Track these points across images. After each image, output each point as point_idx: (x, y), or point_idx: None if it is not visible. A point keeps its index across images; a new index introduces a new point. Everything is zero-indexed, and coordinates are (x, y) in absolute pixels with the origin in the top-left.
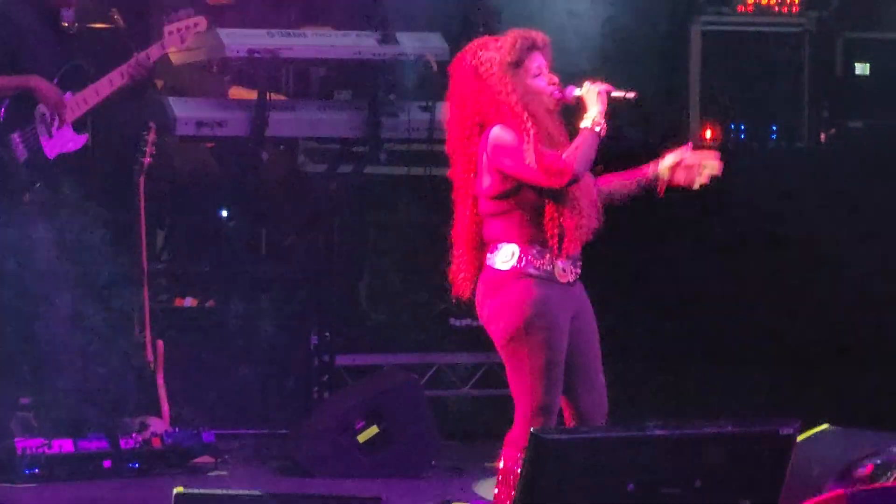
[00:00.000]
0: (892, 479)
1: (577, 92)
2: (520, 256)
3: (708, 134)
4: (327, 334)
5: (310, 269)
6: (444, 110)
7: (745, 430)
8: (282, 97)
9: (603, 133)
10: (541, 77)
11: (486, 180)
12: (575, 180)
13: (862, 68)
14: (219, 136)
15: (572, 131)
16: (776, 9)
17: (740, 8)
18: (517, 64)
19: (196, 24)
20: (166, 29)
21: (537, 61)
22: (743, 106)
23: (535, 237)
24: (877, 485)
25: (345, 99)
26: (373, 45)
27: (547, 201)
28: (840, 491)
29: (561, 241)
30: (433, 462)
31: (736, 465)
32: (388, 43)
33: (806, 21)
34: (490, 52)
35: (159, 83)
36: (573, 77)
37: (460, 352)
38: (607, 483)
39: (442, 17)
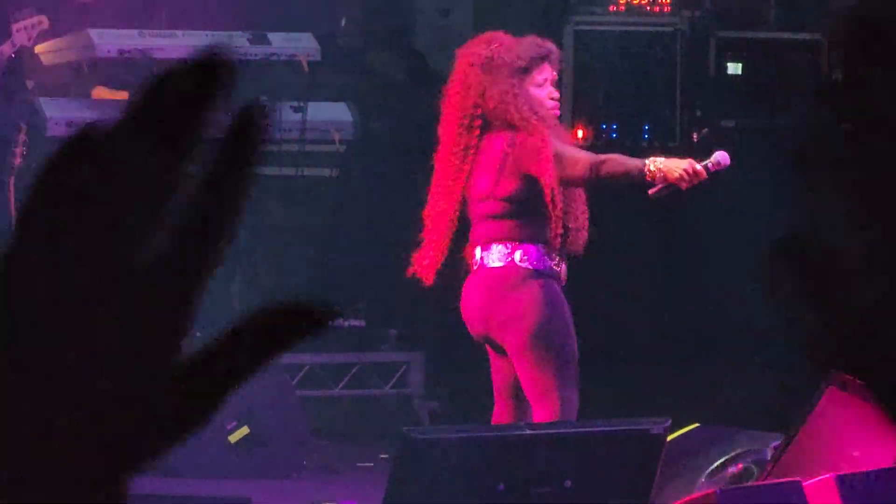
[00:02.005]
0: (762, 478)
1: (723, 163)
2: (539, 255)
3: (580, 134)
4: (199, 334)
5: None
6: (442, 93)
7: (615, 429)
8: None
9: (648, 179)
10: (543, 89)
11: (510, 183)
12: (595, 182)
13: (734, 68)
14: None
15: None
16: (648, 8)
17: (612, 8)
18: (525, 70)
19: (39, 23)
20: (13, 27)
21: (545, 73)
22: (615, 106)
23: (548, 238)
24: (747, 484)
25: None
26: (244, 45)
27: (551, 206)
28: (711, 490)
29: (564, 242)
30: (304, 462)
31: (606, 464)
32: (260, 43)
33: (678, 21)
34: (503, 50)
35: (30, 84)
36: (447, 76)
37: (332, 352)
38: (478, 483)
39: (313, 18)
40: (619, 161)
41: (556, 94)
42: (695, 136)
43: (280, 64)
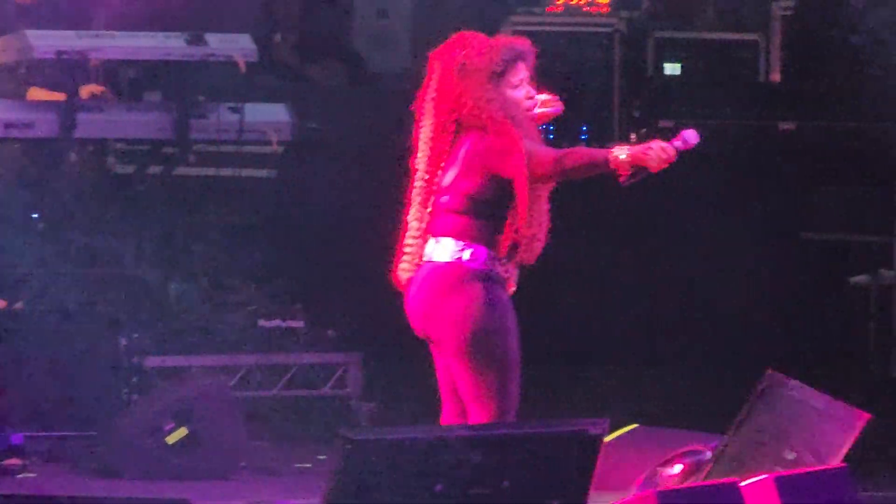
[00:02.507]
0: (700, 479)
1: (692, 141)
2: (488, 258)
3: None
4: (136, 335)
5: (119, 270)
6: (417, 98)
7: (553, 430)
8: (99, 89)
9: (612, 167)
10: (520, 89)
11: (474, 181)
12: (562, 175)
13: (672, 68)
14: (27, 138)
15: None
16: (586, 9)
17: (550, 8)
18: (500, 74)
19: None
20: None
21: (520, 73)
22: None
23: (500, 243)
24: (686, 485)
25: (154, 100)
26: (181, 46)
27: (510, 211)
28: (650, 491)
29: (518, 248)
30: (242, 463)
31: (544, 465)
32: (197, 44)
33: (616, 21)
34: (476, 53)
35: None
36: (385, 77)
37: (270, 353)
38: (416, 484)
39: (250, 19)
40: (583, 152)
41: (534, 93)
42: (633, 136)
43: (217, 65)
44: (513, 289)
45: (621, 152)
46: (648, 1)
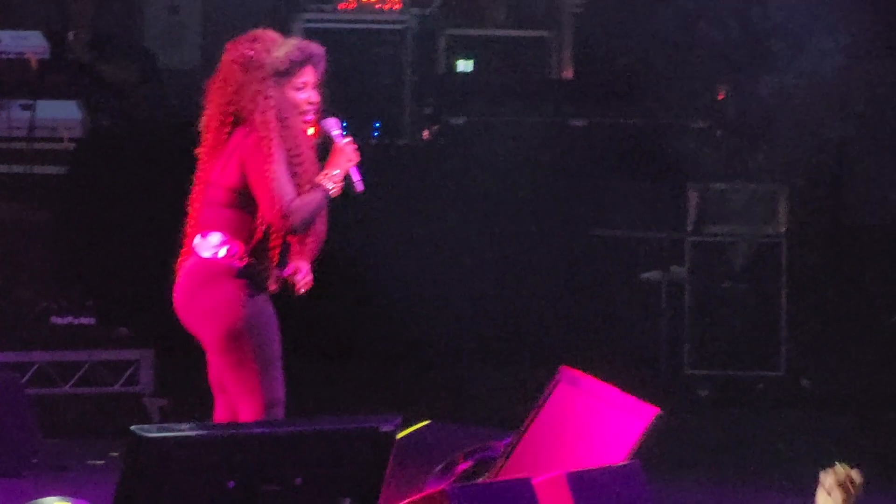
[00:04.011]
0: (493, 475)
1: (334, 132)
2: (244, 254)
3: (310, 131)
4: None
5: None
6: (205, 88)
7: (346, 426)
8: None
9: (333, 195)
10: (303, 92)
11: (233, 173)
12: (291, 232)
13: (464, 65)
14: None
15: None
16: (378, 6)
17: (342, 5)
18: (285, 73)
19: None
20: None
21: (306, 76)
22: (345, 103)
23: (259, 241)
24: (479, 481)
25: None
26: None
27: (260, 218)
28: (441, 487)
29: (283, 252)
30: (35, 460)
31: (336, 462)
32: None
33: (408, 18)
34: (265, 49)
35: None
36: (176, 73)
37: (62, 349)
38: (207, 481)
39: (42, 16)
40: (305, 203)
41: (316, 98)
42: (425, 133)
43: (8, 62)
44: (276, 286)
45: (329, 179)
46: None
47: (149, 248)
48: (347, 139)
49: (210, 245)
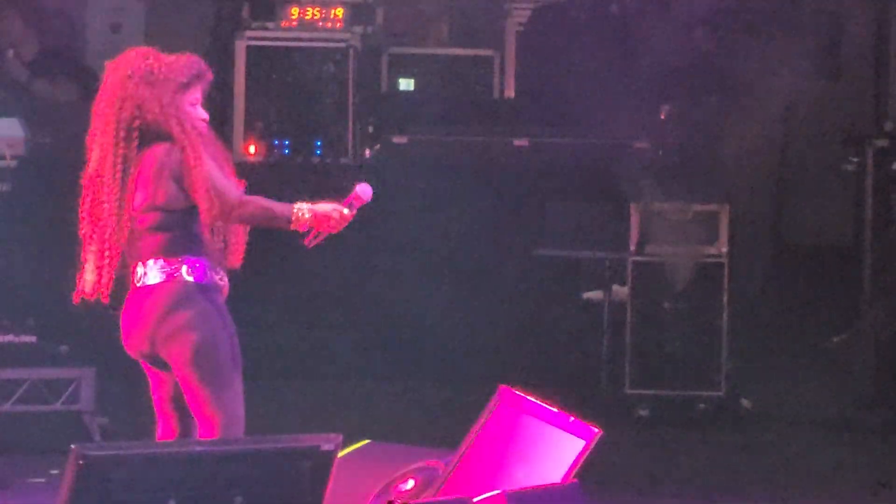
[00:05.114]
0: (432, 495)
1: (363, 197)
2: (203, 270)
3: (252, 149)
4: None
5: None
6: (93, 107)
7: (286, 445)
8: None
9: (292, 227)
10: (195, 108)
11: (162, 193)
12: (235, 220)
13: (406, 84)
14: None
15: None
16: (321, 24)
17: (285, 23)
18: (185, 87)
19: None
20: None
21: (197, 93)
22: (287, 121)
23: (207, 250)
24: (419, 501)
25: None
26: None
27: (204, 225)
28: None
29: (224, 252)
30: None
31: (277, 480)
32: None
33: (350, 36)
34: (166, 63)
35: None
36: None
37: (2, 367)
38: (148, 499)
39: None
40: (265, 204)
41: (206, 115)
42: (367, 152)
43: None
44: (226, 294)
45: (303, 211)
46: (382, 17)
47: None
48: (351, 212)
49: (162, 270)
